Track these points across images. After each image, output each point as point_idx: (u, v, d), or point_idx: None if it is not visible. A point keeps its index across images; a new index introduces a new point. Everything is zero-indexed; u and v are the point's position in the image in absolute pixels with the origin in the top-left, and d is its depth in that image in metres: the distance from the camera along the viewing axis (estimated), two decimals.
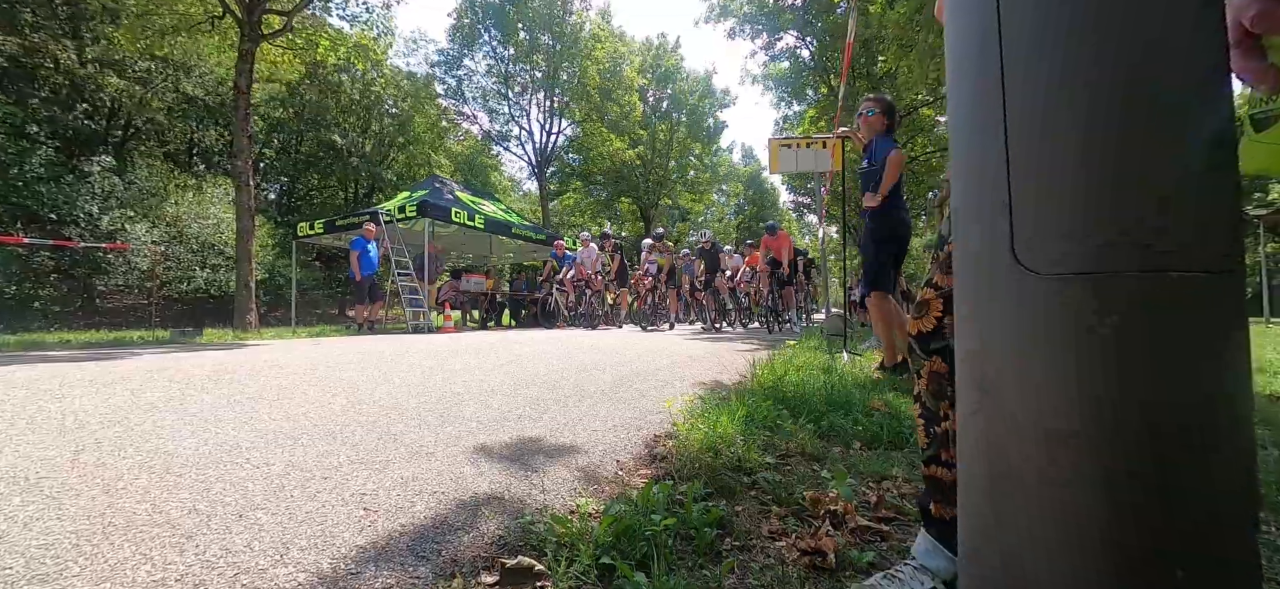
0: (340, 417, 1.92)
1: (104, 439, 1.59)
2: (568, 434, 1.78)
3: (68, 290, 14.06)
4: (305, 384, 2.58)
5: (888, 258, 3.58)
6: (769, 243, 8.75)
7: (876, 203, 3.53)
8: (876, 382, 3.10)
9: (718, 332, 8.12)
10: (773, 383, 2.55)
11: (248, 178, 8.70)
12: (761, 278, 8.67)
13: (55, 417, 1.85)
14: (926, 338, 0.94)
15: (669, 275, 9.36)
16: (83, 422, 1.79)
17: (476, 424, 1.86)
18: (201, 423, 1.80)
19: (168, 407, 2.05)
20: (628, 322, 10.76)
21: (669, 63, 26.58)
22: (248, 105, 8.96)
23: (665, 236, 9.91)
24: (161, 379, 2.71)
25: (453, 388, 2.55)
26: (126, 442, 1.57)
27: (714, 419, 1.85)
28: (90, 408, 1.99)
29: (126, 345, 5.95)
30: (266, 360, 3.60)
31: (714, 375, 3.27)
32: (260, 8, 9.09)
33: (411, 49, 24.23)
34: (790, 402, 2.21)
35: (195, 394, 2.32)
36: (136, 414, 1.91)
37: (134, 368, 3.17)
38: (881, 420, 2.02)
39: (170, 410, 1.99)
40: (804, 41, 16.57)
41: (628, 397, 2.46)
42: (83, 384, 2.48)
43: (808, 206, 31.34)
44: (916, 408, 0.99)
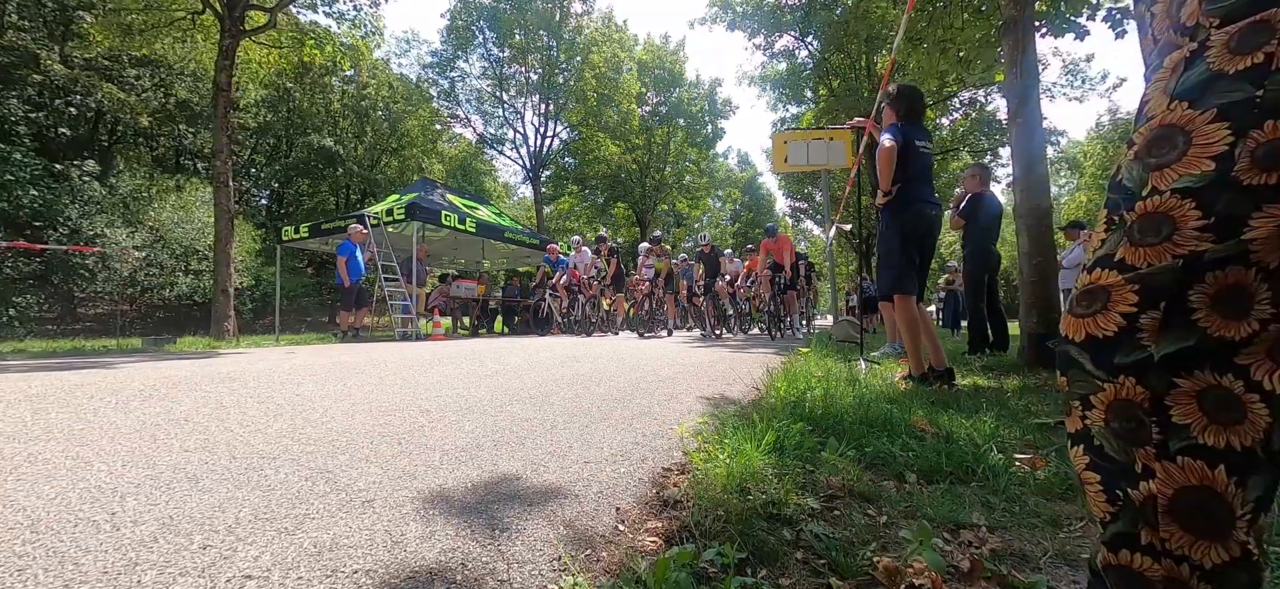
0: (270, 446, 1.55)
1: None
2: (554, 469, 1.42)
3: (46, 297, 13.59)
4: (249, 402, 2.21)
5: (910, 257, 3.23)
6: (769, 246, 8.43)
7: (881, 200, 3.21)
8: (905, 394, 2.75)
9: (717, 338, 7.77)
10: (795, 398, 2.19)
11: (227, 179, 8.31)
12: (762, 283, 8.37)
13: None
14: (1106, 347, 0.59)
15: (666, 281, 9.10)
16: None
17: (440, 455, 1.49)
18: (88, 457, 1.43)
19: (62, 433, 1.67)
20: (624, 328, 10.41)
21: (673, 67, 26.33)
22: (228, 103, 8.59)
23: (662, 240, 9.69)
24: (84, 395, 2.33)
25: (422, 405, 2.18)
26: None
27: (736, 446, 1.49)
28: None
29: (90, 355, 5.55)
30: (223, 372, 3.22)
31: (721, 388, 2.91)
32: (243, 3, 8.74)
33: (403, 50, 23.89)
34: (821, 422, 1.86)
35: (112, 415, 1.94)
36: (12, 443, 1.54)
37: (63, 382, 2.79)
38: (936, 446, 1.67)
39: (60, 438, 1.61)
40: (803, 42, 16.33)
41: (627, 416, 2.10)
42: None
43: (805, 211, 31.16)
44: (1081, 457, 0.64)
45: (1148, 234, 0.57)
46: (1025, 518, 1.28)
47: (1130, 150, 0.62)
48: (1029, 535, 1.21)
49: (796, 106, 20.35)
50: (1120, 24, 6.16)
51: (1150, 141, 0.59)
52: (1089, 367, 0.62)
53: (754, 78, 19.81)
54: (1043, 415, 2.32)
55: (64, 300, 13.96)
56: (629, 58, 24.88)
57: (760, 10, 15.66)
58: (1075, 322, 0.63)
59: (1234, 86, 0.53)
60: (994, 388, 3.16)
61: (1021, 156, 4.49)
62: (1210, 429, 0.55)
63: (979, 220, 5.09)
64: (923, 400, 2.53)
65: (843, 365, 3.69)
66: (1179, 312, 0.56)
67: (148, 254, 14.08)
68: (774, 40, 16.73)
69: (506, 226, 11.68)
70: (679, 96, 26.54)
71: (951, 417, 2.11)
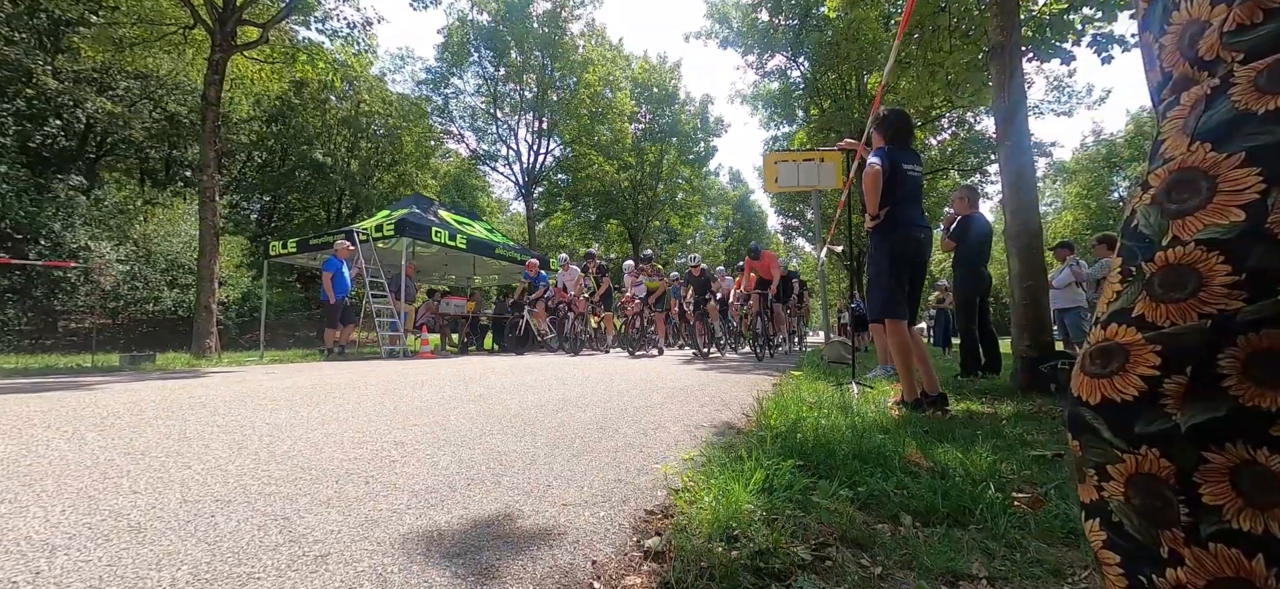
0: (228, 487, 1.45)
1: None
2: (530, 513, 1.34)
3: (25, 311, 13.29)
4: (215, 432, 2.10)
5: (900, 280, 3.19)
6: (753, 265, 8.26)
7: (870, 224, 3.18)
8: (899, 421, 2.69)
9: (707, 358, 7.73)
10: (786, 429, 2.12)
11: (213, 194, 8.20)
12: (752, 301, 8.33)
13: None
14: (1125, 413, 0.52)
15: (658, 299, 9.01)
16: None
17: (408, 497, 1.40)
18: (26, 500, 1.33)
19: (2, 470, 1.57)
20: (615, 346, 10.30)
21: (667, 85, 26.57)
22: (216, 118, 8.50)
23: (653, 259, 9.56)
24: (40, 423, 2.21)
25: (397, 435, 2.09)
26: None
27: (722, 486, 1.41)
28: None
29: (63, 373, 5.38)
30: (194, 397, 3.10)
31: (710, 415, 2.83)
32: (234, 18, 8.71)
33: (397, 66, 23.96)
34: (813, 456, 1.78)
35: (64, 447, 1.84)
36: None
37: (23, 408, 2.67)
38: (931, 483, 1.60)
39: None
40: (794, 62, 16.55)
41: (611, 448, 2.01)
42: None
43: (796, 229, 31.34)
44: (1097, 531, 0.57)
45: (1171, 289, 0.51)
46: (1027, 566, 1.22)
47: (1146, 193, 0.56)
48: (1032, 587, 1.14)
49: (788, 125, 20.57)
50: (1105, 49, 6.27)
51: (1169, 185, 0.54)
52: (1106, 433, 0.55)
53: (746, 96, 20.03)
54: (1039, 447, 2.26)
55: (44, 314, 13.67)
56: (623, 76, 25.11)
57: (753, 29, 15.89)
58: (1089, 382, 0.57)
59: (1264, 129, 0.48)
60: (988, 414, 3.10)
61: (1010, 179, 4.49)
62: (1246, 512, 0.49)
63: (969, 241, 5.09)
64: (916, 429, 2.46)
65: (834, 389, 3.63)
66: (1208, 377, 0.50)
67: (132, 268, 13.84)
68: (766, 60, 16.96)
69: (498, 243, 11.61)
70: (672, 115, 26.76)
71: (946, 449, 2.05)
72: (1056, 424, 2.82)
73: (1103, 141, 38.29)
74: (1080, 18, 6.28)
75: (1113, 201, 37.96)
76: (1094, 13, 6.27)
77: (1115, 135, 38.11)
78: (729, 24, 15.72)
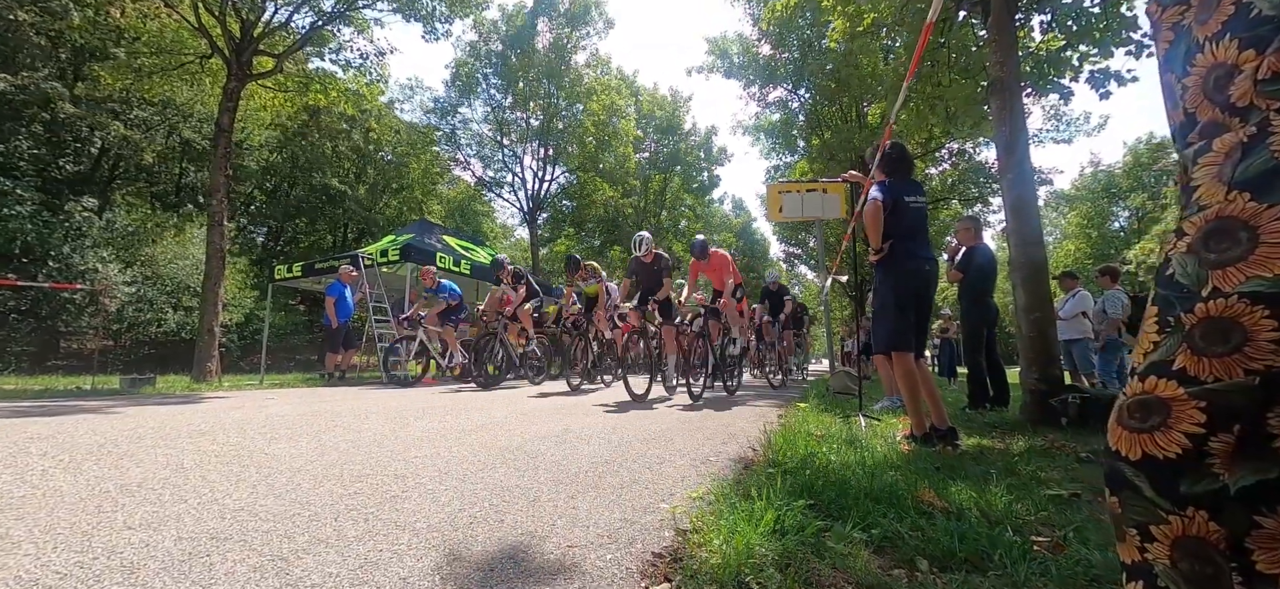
0: (225, 523, 1.42)
1: None
2: (535, 554, 1.29)
3: (29, 332, 13.32)
4: (212, 463, 2.07)
5: (906, 313, 3.16)
6: (699, 266, 6.24)
7: (873, 257, 3.18)
8: (909, 457, 2.63)
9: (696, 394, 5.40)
10: (796, 464, 2.07)
11: (222, 218, 8.28)
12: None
13: None
14: (1168, 471, 0.50)
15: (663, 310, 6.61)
16: None
17: (409, 537, 1.36)
18: (17, 536, 1.29)
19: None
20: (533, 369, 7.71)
21: (672, 116, 27.00)
22: (228, 144, 8.64)
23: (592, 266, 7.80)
24: (36, 451, 2.18)
25: (397, 468, 2.05)
26: None
27: (732, 526, 1.37)
28: None
29: (61, 396, 5.35)
30: (194, 424, 3.07)
31: (717, 448, 2.78)
32: (250, 49, 8.93)
33: (407, 95, 24.41)
34: (824, 494, 1.74)
35: (59, 478, 1.80)
36: None
37: (19, 433, 2.64)
38: (947, 525, 1.55)
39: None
40: (795, 94, 16.82)
41: (616, 484, 1.97)
42: None
43: (799, 256, 31.41)
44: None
45: (1213, 342, 0.49)
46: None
47: (1181, 241, 0.55)
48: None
49: (790, 155, 20.80)
50: (1103, 85, 6.33)
51: (1207, 234, 0.52)
52: (1148, 492, 0.52)
53: (748, 127, 20.32)
54: (1054, 486, 2.20)
55: (48, 335, 13.70)
56: (628, 104, 25.56)
57: (754, 63, 16.20)
58: (1128, 436, 0.54)
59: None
60: (999, 449, 3.04)
61: (1013, 210, 4.50)
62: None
63: (974, 272, 5.08)
64: (927, 465, 2.41)
65: (841, 422, 3.57)
66: (1257, 436, 0.47)
67: (138, 289, 13.91)
68: (767, 92, 17.23)
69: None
70: (676, 144, 27.12)
71: (960, 487, 1.99)
72: (1069, 461, 2.75)
73: (1102, 172, 38.61)
74: (1078, 54, 6.38)
75: (1113, 231, 38.08)
76: (1090, 50, 6.37)
77: (1114, 166, 38.47)
78: (729, 58, 16.04)
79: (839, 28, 7.77)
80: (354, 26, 9.51)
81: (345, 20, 9.26)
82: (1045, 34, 7.10)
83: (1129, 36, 5.71)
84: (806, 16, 12.55)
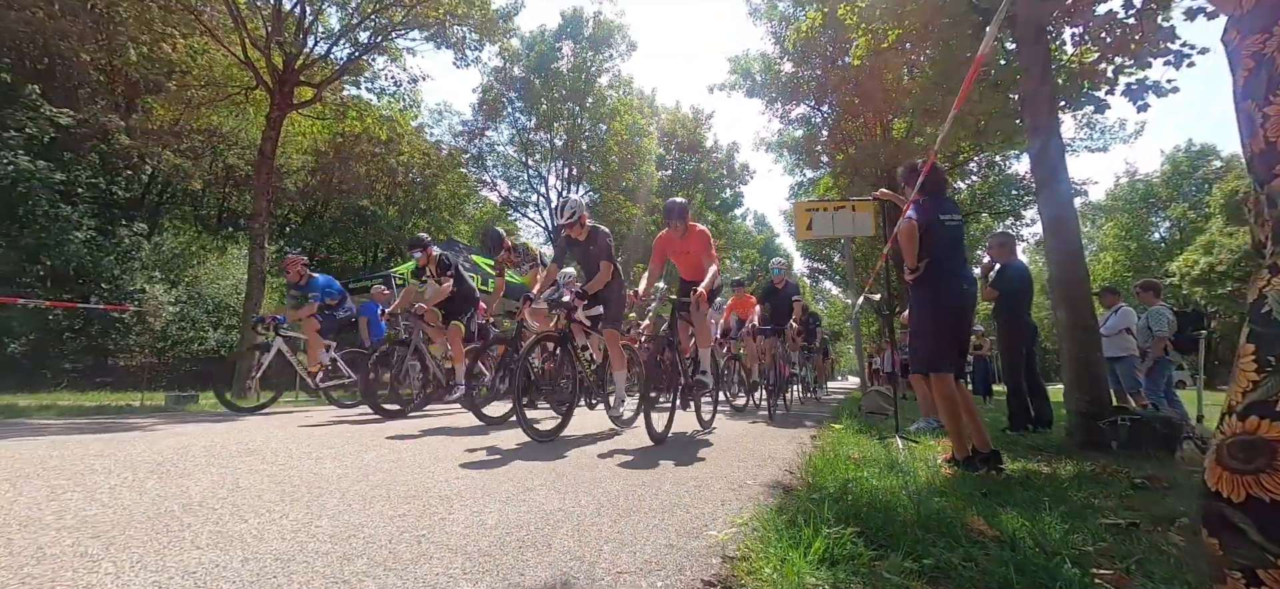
0: (285, 543, 1.47)
1: None
2: (585, 579, 1.31)
3: (83, 349, 14.00)
4: (265, 483, 2.14)
5: (943, 333, 3.10)
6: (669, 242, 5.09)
7: (909, 277, 3.14)
8: (952, 481, 2.57)
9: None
10: (837, 489, 2.04)
11: (263, 241, 8.63)
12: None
13: None
14: (1278, 515, 0.49)
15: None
16: None
17: (463, 561, 1.39)
18: (96, 553, 1.36)
19: (73, 521, 1.62)
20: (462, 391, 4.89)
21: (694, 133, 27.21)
22: (270, 170, 9.05)
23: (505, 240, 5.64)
24: (101, 469, 2.29)
25: (441, 489, 2.09)
26: None
27: (782, 554, 1.36)
28: None
29: (113, 414, 5.60)
30: (241, 443, 3.18)
31: (753, 471, 2.75)
32: (293, 80, 9.37)
33: (436, 119, 25.19)
34: (870, 520, 1.71)
35: (126, 497, 1.89)
36: (22, 532, 1.48)
37: (83, 452, 2.78)
38: (1001, 555, 1.51)
39: (70, 527, 1.56)
40: (818, 110, 16.79)
41: (657, 507, 1.97)
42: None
43: (823, 272, 31.03)
44: None
45: None
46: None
47: (1277, 278, 0.55)
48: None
49: (813, 171, 20.69)
50: (1140, 98, 6.14)
51: None
52: (1255, 536, 0.52)
53: (771, 144, 20.31)
54: (1110, 514, 2.12)
55: (97, 352, 14.36)
56: (650, 124, 25.85)
57: (777, 80, 16.25)
58: (1230, 477, 0.53)
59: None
60: (1046, 474, 2.94)
61: (1052, 226, 4.39)
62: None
63: (1010, 290, 4.95)
64: (973, 490, 2.34)
65: (878, 444, 3.50)
66: None
67: (181, 309, 14.52)
68: (790, 109, 17.24)
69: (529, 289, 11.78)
70: (698, 162, 27.27)
71: (1011, 515, 1.93)
72: (1123, 487, 2.65)
73: (1139, 181, 37.34)
74: (1113, 66, 6.23)
75: (1153, 242, 36.67)
76: (1126, 62, 6.21)
77: (1151, 175, 37.17)
78: (752, 77, 16.14)
79: (862, 45, 7.77)
80: (388, 55, 9.91)
81: (380, 50, 9.66)
82: (1077, 46, 6.97)
83: (1167, 47, 5.55)
84: (828, 33, 12.58)
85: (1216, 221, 29.11)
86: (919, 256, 3.10)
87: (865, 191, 15.05)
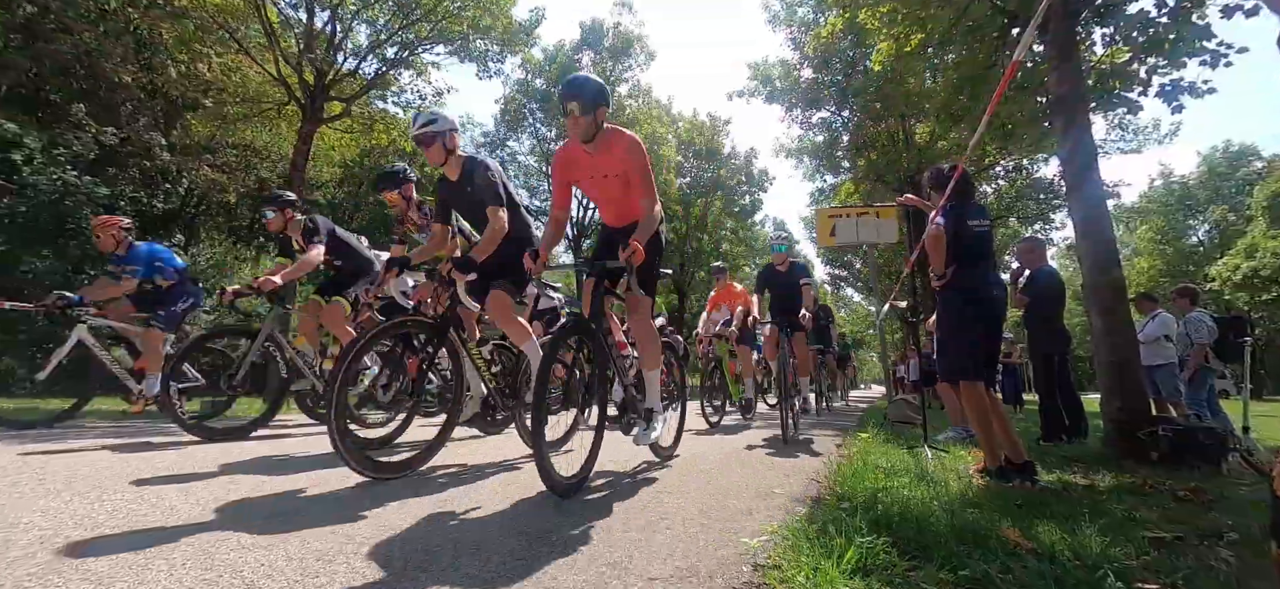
0: (274, 566, 1.52)
1: None
2: (619, 588, 1.32)
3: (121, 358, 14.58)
4: (275, 499, 2.21)
5: (973, 340, 3.04)
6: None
7: (937, 283, 3.10)
8: (985, 492, 2.52)
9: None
10: (867, 498, 2.02)
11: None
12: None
13: None
14: None
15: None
16: None
17: (498, 562, 1.42)
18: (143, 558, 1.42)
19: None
20: None
21: (712, 141, 27.25)
22: (302, 182, 9.35)
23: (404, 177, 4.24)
24: (153, 478, 2.39)
25: (475, 494, 2.13)
26: None
27: (814, 564, 1.36)
28: None
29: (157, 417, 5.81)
30: (259, 449, 3.28)
31: (782, 479, 2.74)
32: (323, 96, 9.70)
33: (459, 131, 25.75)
34: (901, 530, 1.69)
35: (174, 499, 1.97)
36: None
37: (130, 461, 2.89)
38: (1040, 568, 1.48)
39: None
40: (839, 115, 16.67)
41: (684, 515, 1.98)
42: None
43: (845, 279, 30.63)
44: None
45: None
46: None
47: None
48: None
49: (833, 176, 20.51)
50: (1175, 99, 5.95)
51: None
52: None
53: (790, 150, 20.21)
54: (1154, 527, 2.05)
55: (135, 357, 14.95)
56: (669, 131, 25.95)
57: (796, 86, 16.20)
58: None
59: None
60: (1083, 485, 2.86)
61: (1084, 231, 4.29)
62: None
63: (1042, 296, 4.84)
64: (1008, 501, 2.30)
65: (906, 454, 3.45)
66: None
67: (215, 318, 15.03)
68: (810, 114, 17.15)
69: None
70: (717, 169, 27.27)
71: (1048, 527, 1.89)
72: (1166, 500, 2.56)
73: (1174, 183, 36.07)
74: (1146, 67, 6.05)
75: (1190, 246, 35.34)
76: (1160, 61, 6.03)
77: (1187, 176, 35.88)
78: (772, 83, 16.12)
79: (884, 49, 7.70)
80: (414, 69, 10.19)
81: (406, 65, 9.94)
82: (1108, 47, 6.80)
83: (1203, 46, 5.37)
84: (849, 38, 12.51)
85: (1259, 224, 27.91)
86: (947, 263, 3.06)
87: (887, 197, 14.87)
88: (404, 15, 9.26)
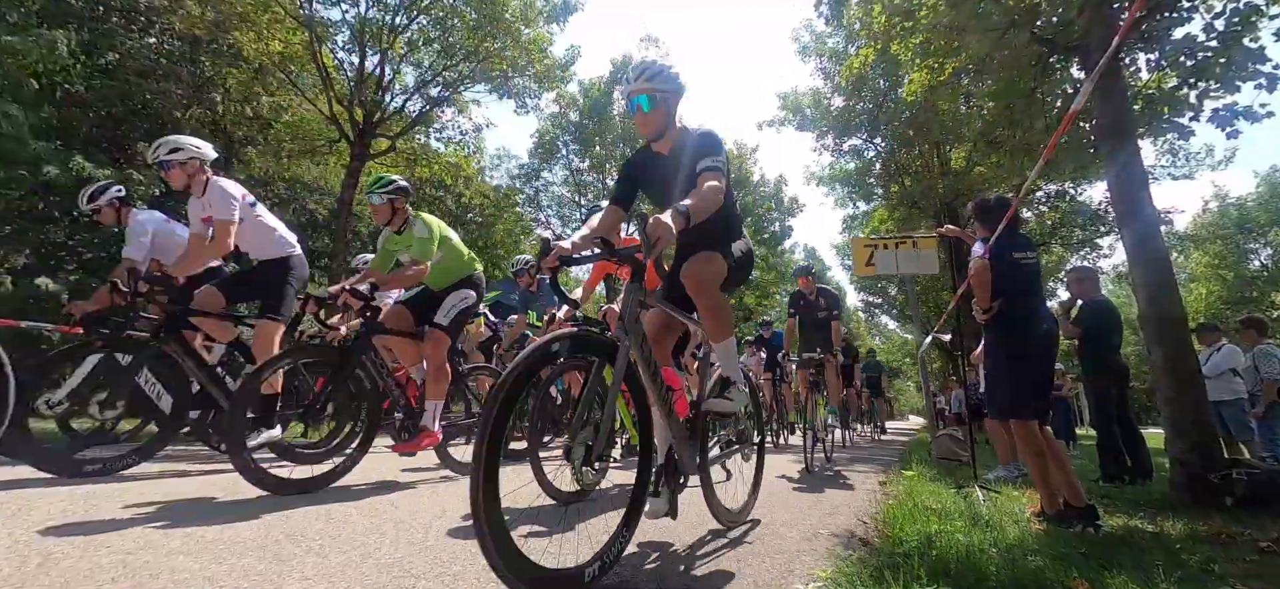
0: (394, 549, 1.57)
1: None
2: None
3: None
4: (332, 526, 2.29)
5: (1023, 376, 2.94)
6: None
7: (982, 317, 3.03)
8: (1045, 538, 2.40)
9: None
10: (920, 543, 1.96)
11: (341, 279, 9.33)
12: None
13: None
14: None
15: None
16: None
17: None
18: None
19: None
20: None
21: (741, 167, 27.45)
22: (348, 214, 9.83)
23: None
24: (223, 494, 2.52)
25: (518, 524, 2.16)
26: None
27: None
28: None
29: None
30: None
31: (826, 519, 2.68)
32: (371, 133, 10.25)
33: (495, 163, 26.71)
34: (959, 579, 1.63)
35: (238, 523, 2.07)
36: None
37: (192, 481, 3.04)
38: None
39: None
40: (871, 142, 16.55)
41: (732, 555, 1.96)
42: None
43: (879, 306, 29.94)
44: None
45: None
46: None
47: None
48: None
49: (866, 203, 20.26)
50: (1229, 124, 5.70)
51: None
52: None
53: (822, 177, 20.11)
54: (1236, 581, 1.92)
55: None
56: None
57: (827, 115, 16.21)
58: None
59: None
60: (1152, 533, 2.69)
61: (1138, 258, 4.12)
62: None
63: (1095, 328, 4.64)
64: (1071, 548, 2.19)
65: (955, 494, 3.32)
66: None
67: None
68: (842, 142, 17.10)
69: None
70: (745, 197, 27.33)
71: (1119, 578, 1.80)
72: (1247, 550, 2.39)
73: (1231, 205, 34.10)
74: (1196, 92, 5.83)
75: (1252, 272, 33.17)
76: (1212, 86, 5.80)
77: (1246, 198, 33.89)
78: (802, 112, 16.19)
79: (917, 80, 7.66)
80: (456, 106, 10.68)
81: (449, 102, 10.43)
82: (1153, 73, 6.59)
83: (1257, 70, 5.16)
84: (881, 67, 12.51)
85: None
86: (993, 295, 3.00)
87: (922, 224, 14.57)
88: (448, 56, 9.80)
